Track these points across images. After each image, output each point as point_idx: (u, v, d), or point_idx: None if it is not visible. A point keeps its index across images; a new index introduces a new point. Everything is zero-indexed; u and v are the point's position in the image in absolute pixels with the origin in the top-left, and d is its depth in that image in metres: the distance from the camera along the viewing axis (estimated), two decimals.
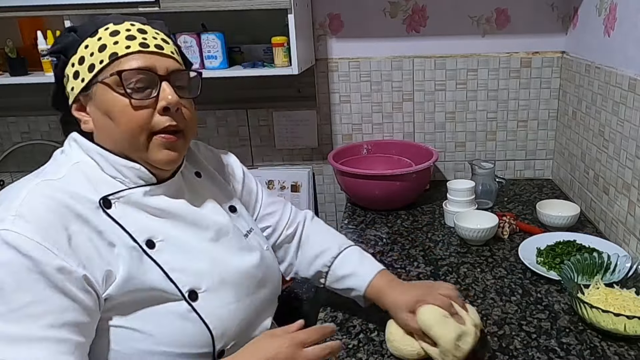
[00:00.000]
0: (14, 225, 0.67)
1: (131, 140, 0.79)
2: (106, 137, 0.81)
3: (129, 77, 0.77)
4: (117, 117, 0.78)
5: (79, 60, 0.79)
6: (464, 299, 1.02)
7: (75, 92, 0.80)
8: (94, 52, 0.78)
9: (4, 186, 1.96)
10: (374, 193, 1.57)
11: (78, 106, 0.82)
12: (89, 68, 0.78)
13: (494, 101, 1.80)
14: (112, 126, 0.78)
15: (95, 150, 0.80)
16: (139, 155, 0.81)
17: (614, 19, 1.33)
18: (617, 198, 1.33)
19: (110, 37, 0.78)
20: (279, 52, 1.51)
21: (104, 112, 0.79)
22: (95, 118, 0.80)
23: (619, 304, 0.99)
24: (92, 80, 0.78)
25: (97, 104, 0.79)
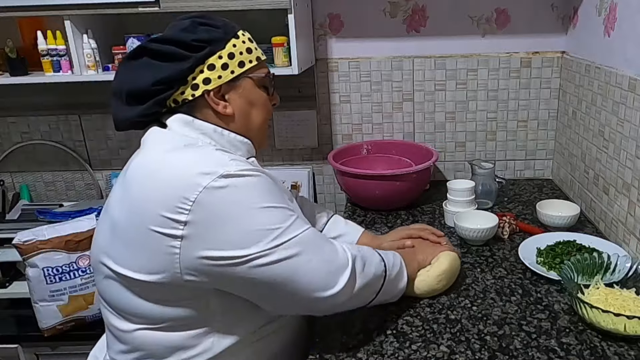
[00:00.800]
0: (240, 165, 0.83)
1: (263, 125, 1.01)
2: (245, 121, 0.97)
3: (268, 79, 1.00)
4: (259, 107, 0.99)
5: (229, 55, 0.92)
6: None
7: (223, 80, 0.92)
8: (243, 52, 0.94)
9: (4, 186, 1.96)
10: (374, 193, 1.57)
11: (216, 93, 0.92)
12: (239, 64, 0.93)
13: (494, 101, 1.80)
14: (254, 113, 0.98)
15: (213, 129, 0.93)
16: (258, 137, 1.01)
17: (614, 19, 1.33)
18: (617, 198, 1.33)
19: (250, 43, 0.97)
20: (279, 52, 1.51)
21: (248, 102, 0.96)
22: (238, 105, 0.95)
23: (619, 304, 0.99)
24: (241, 74, 0.94)
25: (244, 94, 0.95)
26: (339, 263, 0.88)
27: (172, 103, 0.91)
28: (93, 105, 1.88)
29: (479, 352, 0.95)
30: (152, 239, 0.79)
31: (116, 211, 0.84)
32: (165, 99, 0.89)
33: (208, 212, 0.78)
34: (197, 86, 0.90)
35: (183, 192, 0.78)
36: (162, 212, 0.78)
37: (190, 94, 0.90)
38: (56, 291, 1.44)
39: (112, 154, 1.96)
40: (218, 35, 0.91)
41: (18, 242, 1.42)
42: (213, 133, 0.93)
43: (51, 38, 1.53)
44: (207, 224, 0.78)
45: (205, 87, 0.90)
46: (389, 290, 1.00)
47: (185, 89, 0.90)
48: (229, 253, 0.79)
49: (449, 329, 1.02)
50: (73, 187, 2.02)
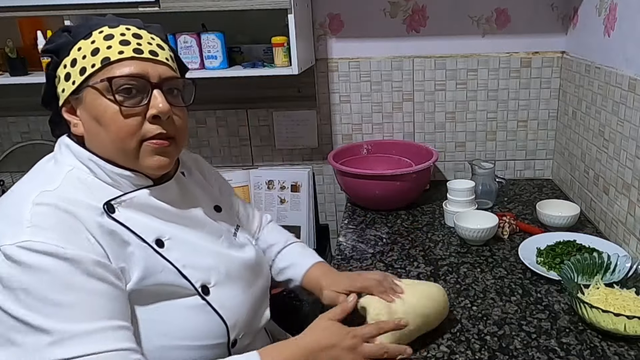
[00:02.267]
0: (34, 235, 0.67)
1: (121, 147, 0.78)
2: (96, 143, 0.80)
3: (120, 84, 0.76)
4: (106, 124, 0.77)
5: (71, 62, 0.78)
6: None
7: (66, 94, 0.79)
8: (87, 55, 0.77)
9: (4, 186, 1.96)
10: (374, 193, 1.57)
11: (68, 108, 0.81)
12: (81, 71, 0.77)
13: (494, 101, 1.80)
14: (102, 132, 0.78)
15: (87, 157, 0.80)
16: (129, 161, 0.80)
17: (614, 19, 1.33)
18: (617, 198, 1.33)
19: (104, 41, 0.77)
20: (279, 52, 1.51)
21: (93, 117, 0.78)
22: (85, 122, 0.79)
23: (619, 304, 0.99)
24: (82, 83, 0.77)
25: (87, 108, 0.78)
26: None
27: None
28: None
29: (479, 352, 0.95)
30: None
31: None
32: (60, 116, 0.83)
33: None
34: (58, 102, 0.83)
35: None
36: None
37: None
38: None
39: None
40: (64, 42, 0.79)
41: None
42: (88, 161, 0.79)
43: None
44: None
45: (59, 103, 0.82)
46: None
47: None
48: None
49: (449, 329, 1.02)
50: None
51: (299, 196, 1.87)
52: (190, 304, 0.81)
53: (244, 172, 1.89)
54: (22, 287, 0.65)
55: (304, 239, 1.84)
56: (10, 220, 0.70)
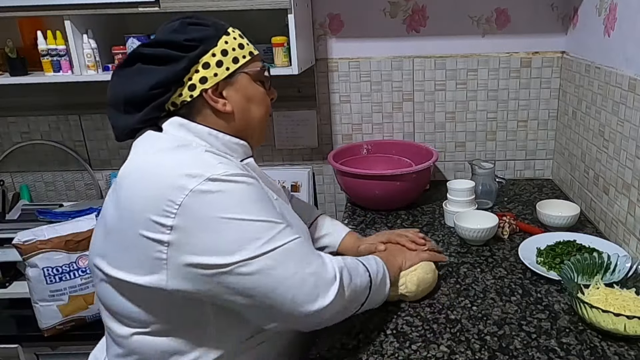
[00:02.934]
0: (229, 168, 0.81)
1: (263, 120, 1.00)
2: (242, 117, 0.95)
3: (264, 73, 0.99)
4: (258, 102, 0.98)
5: (222, 52, 0.91)
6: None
7: (219, 77, 0.91)
8: (235, 48, 0.93)
9: (4, 186, 1.96)
10: (374, 193, 1.57)
11: (214, 90, 0.91)
12: (233, 60, 0.92)
13: (494, 101, 1.80)
14: (253, 109, 0.97)
15: (207, 132, 0.91)
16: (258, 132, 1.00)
17: (614, 19, 1.33)
18: (617, 198, 1.33)
19: (241, 39, 0.95)
20: (279, 52, 1.51)
21: (246, 97, 0.95)
22: (236, 101, 0.94)
23: (619, 304, 0.99)
24: (236, 70, 0.93)
25: (240, 90, 0.94)
26: (326, 276, 0.85)
27: (170, 106, 0.90)
28: (93, 105, 1.88)
29: (479, 352, 0.95)
30: (141, 243, 0.78)
31: (108, 215, 0.84)
32: (164, 103, 0.88)
33: (194, 216, 0.77)
34: (194, 86, 0.89)
35: (169, 195, 0.77)
36: (149, 215, 0.77)
37: (188, 95, 0.89)
38: (56, 291, 1.44)
39: (112, 154, 1.96)
40: (209, 33, 0.91)
41: (18, 242, 1.42)
42: (208, 136, 0.91)
43: (51, 38, 1.53)
44: (192, 229, 0.77)
45: (203, 86, 0.89)
46: (374, 299, 0.98)
47: (182, 90, 0.89)
48: (213, 260, 0.77)
49: (449, 329, 1.02)
50: (73, 187, 2.02)
51: (299, 196, 1.87)
52: None
53: None
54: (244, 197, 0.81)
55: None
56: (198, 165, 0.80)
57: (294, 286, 0.81)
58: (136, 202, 0.79)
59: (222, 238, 0.78)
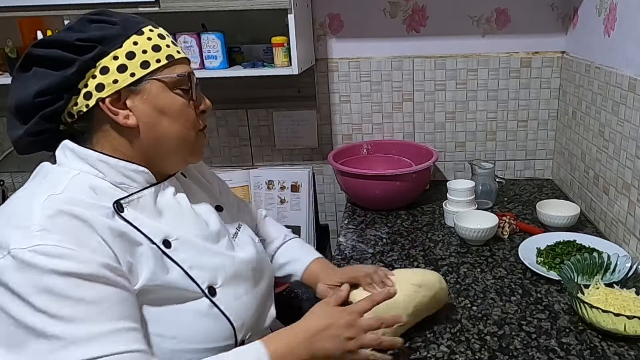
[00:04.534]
0: (44, 239, 0.67)
1: (185, 136, 0.85)
2: (150, 132, 0.81)
3: (186, 80, 0.84)
4: (174, 115, 0.82)
5: (127, 55, 0.78)
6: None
7: (120, 85, 0.78)
8: (147, 50, 0.80)
9: (4, 186, 1.96)
10: (374, 193, 1.57)
11: (114, 100, 0.79)
12: (142, 64, 0.79)
13: (494, 101, 1.80)
14: (165, 123, 0.82)
15: (98, 158, 0.79)
16: (179, 149, 0.85)
17: (614, 19, 1.33)
18: (617, 198, 1.33)
19: (160, 39, 0.82)
20: (279, 52, 1.51)
21: (156, 109, 0.81)
22: (143, 114, 0.80)
23: (619, 304, 0.99)
24: (144, 76, 0.80)
25: (149, 99, 0.80)
26: None
27: (67, 117, 0.79)
28: None
29: (479, 352, 0.95)
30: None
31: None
32: (55, 113, 0.77)
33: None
34: (90, 94, 0.77)
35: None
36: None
37: (83, 104, 0.77)
38: None
39: None
40: (113, 32, 0.78)
41: None
42: (98, 162, 0.79)
43: None
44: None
45: (99, 95, 0.77)
46: None
47: (77, 98, 0.77)
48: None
49: (449, 329, 1.02)
50: None
51: (299, 196, 1.87)
52: (198, 307, 0.81)
53: (243, 172, 1.89)
54: (33, 291, 0.65)
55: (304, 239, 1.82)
56: (18, 225, 0.69)
57: None
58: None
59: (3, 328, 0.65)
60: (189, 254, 0.82)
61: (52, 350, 0.64)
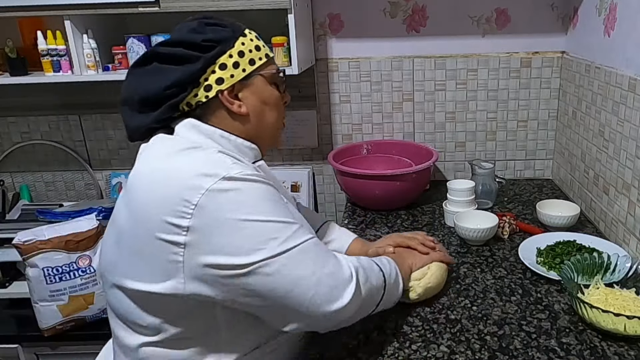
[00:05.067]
0: (243, 169, 0.81)
1: (277, 124, 0.99)
2: (257, 120, 0.94)
3: (281, 76, 0.98)
4: (272, 106, 0.96)
5: (239, 54, 0.90)
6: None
7: (236, 79, 0.90)
8: (252, 49, 0.92)
9: (4, 186, 1.96)
10: (374, 193, 1.57)
11: (229, 92, 0.90)
12: (250, 62, 0.91)
13: (494, 101, 1.80)
14: (268, 112, 0.96)
15: (220, 134, 0.90)
16: (271, 135, 0.99)
17: (614, 19, 1.33)
18: (617, 198, 1.33)
19: (257, 41, 0.94)
20: (279, 52, 1.51)
21: (261, 100, 0.94)
22: (252, 104, 0.93)
23: (619, 304, 0.99)
24: (252, 72, 0.92)
25: (256, 92, 0.93)
26: (343, 277, 0.85)
27: (185, 107, 0.88)
28: (93, 105, 1.88)
29: (479, 352, 0.95)
30: (156, 246, 0.77)
31: (121, 220, 0.83)
32: (179, 103, 0.87)
33: (210, 216, 0.76)
34: (210, 87, 0.88)
35: (184, 195, 0.76)
36: (165, 217, 0.76)
37: (203, 95, 0.88)
38: (56, 291, 1.44)
39: (112, 154, 1.96)
40: (226, 34, 0.90)
41: (18, 242, 1.42)
42: (219, 138, 0.90)
43: (51, 38, 1.53)
44: (209, 230, 0.76)
45: (219, 87, 0.88)
46: (388, 299, 0.98)
47: (198, 90, 0.87)
48: (231, 260, 0.76)
49: (449, 329, 1.02)
50: (73, 187, 2.02)
51: (299, 196, 1.87)
52: None
53: None
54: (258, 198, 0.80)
55: None
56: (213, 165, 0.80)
57: (311, 286, 0.81)
58: (150, 205, 0.78)
59: (239, 238, 0.77)
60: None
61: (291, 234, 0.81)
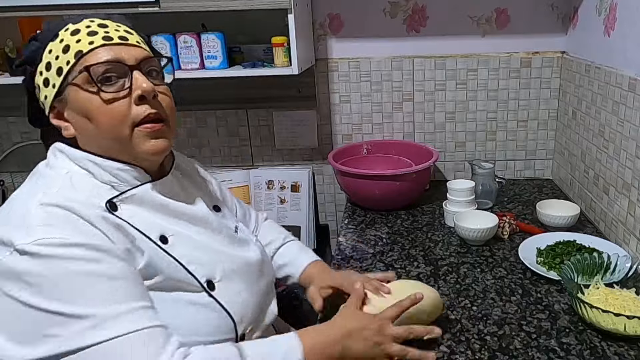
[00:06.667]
0: (49, 233, 0.67)
1: (114, 136, 0.77)
2: (90, 140, 0.79)
3: (98, 72, 0.75)
4: (94, 116, 0.76)
5: (46, 67, 0.77)
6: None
7: (49, 100, 0.78)
8: (59, 55, 0.76)
9: (4, 186, 1.96)
10: (374, 193, 1.57)
11: (55, 114, 0.80)
12: (57, 72, 0.77)
13: (494, 101, 1.80)
14: (92, 126, 0.77)
15: (86, 158, 0.79)
16: (126, 151, 0.80)
17: (614, 19, 1.33)
18: (617, 198, 1.33)
19: (72, 37, 0.77)
20: (279, 52, 1.51)
21: (81, 114, 0.77)
22: (75, 122, 0.79)
23: (619, 304, 0.99)
24: (62, 83, 0.77)
25: (72, 107, 0.78)
26: None
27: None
28: None
29: (479, 352, 0.95)
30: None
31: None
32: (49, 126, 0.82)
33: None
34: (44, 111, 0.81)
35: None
36: None
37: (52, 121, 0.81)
38: None
39: None
40: (34, 47, 0.79)
41: None
42: (88, 163, 0.78)
43: None
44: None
45: (47, 111, 0.81)
46: None
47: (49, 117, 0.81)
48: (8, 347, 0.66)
49: (449, 329, 1.02)
50: None
51: (299, 196, 1.87)
52: (197, 300, 0.81)
53: (243, 172, 1.89)
54: (48, 279, 0.66)
55: (304, 239, 1.84)
56: (19, 224, 0.69)
57: None
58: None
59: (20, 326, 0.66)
60: (187, 249, 0.83)
61: (79, 331, 0.65)
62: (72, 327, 0.65)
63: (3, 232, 0.68)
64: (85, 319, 0.66)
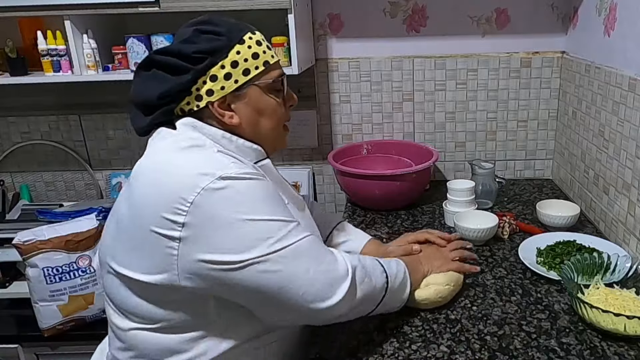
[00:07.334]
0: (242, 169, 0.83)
1: (277, 131, 0.99)
2: (251, 129, 0.94)
3: (278, 83, 0.95)
4: (269, 115, 0.95)
5: (232, 64, 0.88)
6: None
7: (226, 91, 0.89)
8: (248, 58, 0.90)
9: (4, 186, 1.96)
10: (374, 193, 1.57)
11: (220, 103, 0.90)
12: (244, 72, 0.90)
13: (494, 101, 1.80)
14: (263, 121, 0.95)
15: (221, 135, 0.91)
16: (268, 140, 0.97)
17: (614, 19, 1.33)
18: (617, 198, 1.33)
19: (258, 47, 0.91)
20: (279, 52, 1.51)
21: (256, 111, 0.93)
22: (245, 115, 0.92)
23: (619, 304, 0.99)
24: (246, 83, 0.90)
25: (250, 103, 0.92)
26: (338, 274, 0.86)
27: (179, 112, 0.90)
28: (93, 105, 1.88)
29: (479, 352, 0.95)
30: (152, 239, 0.79)
31: (121, 211, 0.85)
32: (172, 109, 0.90)
33: (205, 214, 0.78)
34: (201, 97, 0.89)
35: (181, 192, 0.78)
36: (161, 213, 0.78)
37: (195, 104, 0.89)
38: (56, 291, 1.44)
39: (112, 154, 1.96)
40: (220, 45, 0.88)
41: (18, 242, 1.42)
42: (221, 138, 0.91)
43: (51, 38, 1.53)
44: (204, 227, 0.78)
45: (209, 99, 0.89)
46: (390, 302, 0.98)
47: (190, 99, 0.89)
48: (225, 257, 0.78)
49: (449, 329, 1.02)
50: (73, 187, 2.02)
51: None
52: None
53: None
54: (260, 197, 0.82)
55: None
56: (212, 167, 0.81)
57: (304, 284, 0.82)
58: (148, 200, 0.80)
59: (233, 236, 0.79)
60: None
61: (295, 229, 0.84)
62: (282, 229, 0.82)
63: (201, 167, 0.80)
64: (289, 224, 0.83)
